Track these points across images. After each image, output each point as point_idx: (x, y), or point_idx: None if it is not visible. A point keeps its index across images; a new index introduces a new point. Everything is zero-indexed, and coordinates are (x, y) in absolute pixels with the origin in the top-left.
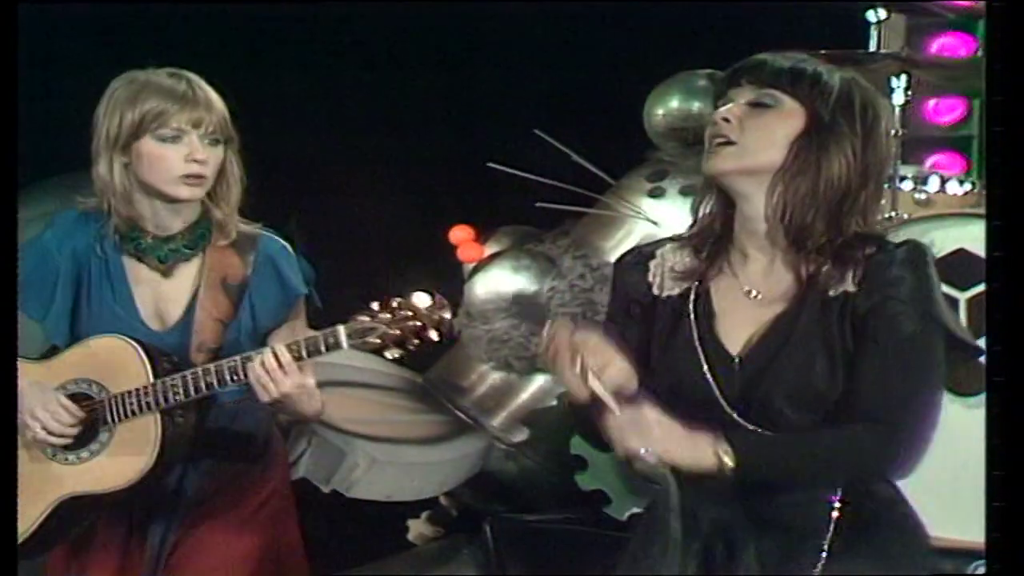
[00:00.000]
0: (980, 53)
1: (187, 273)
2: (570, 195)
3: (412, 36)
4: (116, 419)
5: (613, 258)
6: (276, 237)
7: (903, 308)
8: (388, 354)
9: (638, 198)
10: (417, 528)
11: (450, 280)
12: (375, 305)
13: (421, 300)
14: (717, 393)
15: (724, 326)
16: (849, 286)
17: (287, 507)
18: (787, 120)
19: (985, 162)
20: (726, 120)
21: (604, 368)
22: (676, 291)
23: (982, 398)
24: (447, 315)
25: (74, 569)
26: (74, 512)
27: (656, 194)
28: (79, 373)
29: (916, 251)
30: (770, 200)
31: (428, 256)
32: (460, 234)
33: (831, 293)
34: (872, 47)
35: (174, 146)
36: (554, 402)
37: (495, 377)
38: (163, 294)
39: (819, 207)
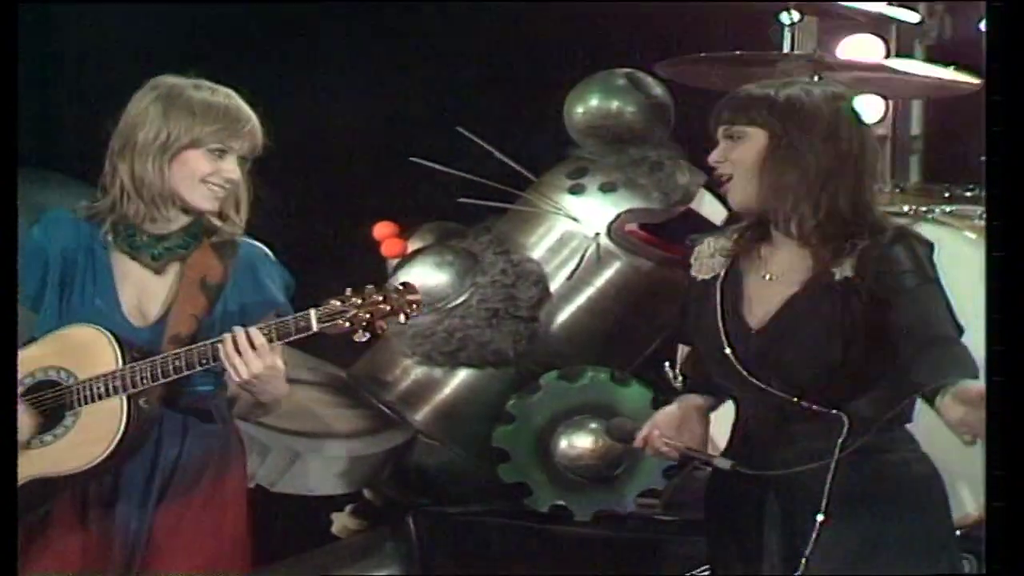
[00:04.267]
0: (891, 55)
1: (173, 271)
2: (492, 191)
3: (336, 32)
4: (82, 403)
5: (534, 254)
6: (257, 243)
7: (902, 274)
8: (357, 337)
9: (559, 195)
10: (341, 521)
11: (374, 275)
12: (348, 291)
13: (392, 286)
14: (732, 358)
15: (748, 304)
16: (848, 272)
17: (241, 494)
18: (753, 144)
19: (985, 163)
20: (717, 163)
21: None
22: (710, 275)
23: None
24: (415, 298)
25: (31, 555)
26: (31, 496)
27: (576, 191)
28: (48, 362)
29: (901, 234)
30: (759, 198)
31: (352, 251)
32: (384, 230)
33: (836, 277)
34: (785, 49)
35: (218, 161)
36: (476, 396)
37: (418, 372)
38: (148, 291)
39: (792, 199)
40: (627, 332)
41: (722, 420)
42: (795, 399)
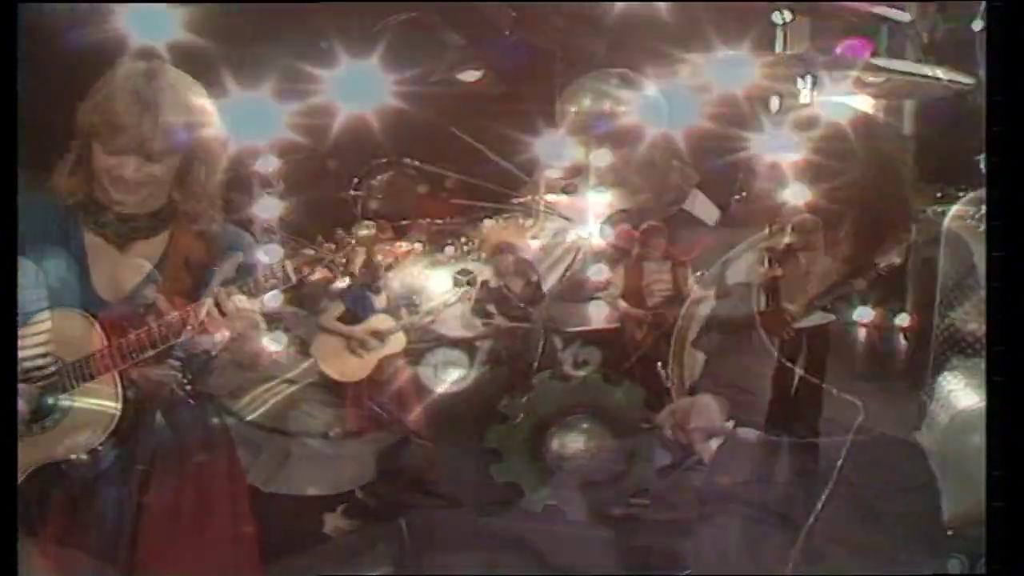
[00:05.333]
0: (882, 55)
1: (146, 249)
2: (486, 191)
3: (328, 29)
4: (74, 385)
5: (527, 254)
6: (237, 228)
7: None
8: (338, 283)
9: (552, 195)
10: (333, 521)
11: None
12: (319, 238)
13: (365, 229)
14: (769, 344)
15: (785, 296)
16: (895, 259)
17: (237, 483)
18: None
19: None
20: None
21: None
22: (745, 279)
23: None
24: (389, 236)
25: (35, 548)
26: (41, 484)
27: (569, 191)
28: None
29: (946, 233)
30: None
31: None
32: None
33: (881, 265)
34: (777, 49)
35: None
36: (468, 396)
37: (411, 372)
38: (120, 266)
39: (826, 213)
40: (620, 332)
41: None
42: (818, 382)
